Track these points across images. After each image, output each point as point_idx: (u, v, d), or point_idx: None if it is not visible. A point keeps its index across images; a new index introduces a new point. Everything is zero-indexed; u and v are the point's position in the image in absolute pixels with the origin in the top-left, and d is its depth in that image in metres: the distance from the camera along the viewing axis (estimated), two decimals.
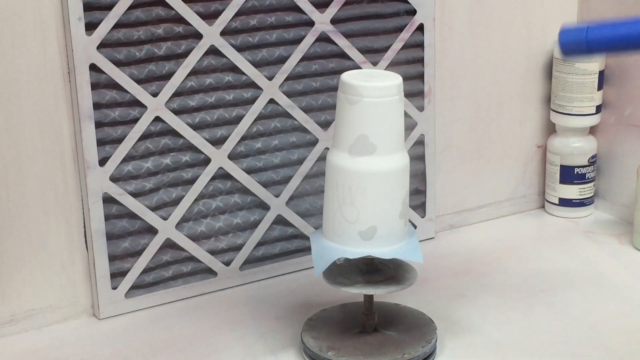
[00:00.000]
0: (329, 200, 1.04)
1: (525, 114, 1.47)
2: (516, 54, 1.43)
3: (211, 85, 1.21)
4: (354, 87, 1.00)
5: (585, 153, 1.46)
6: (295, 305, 1.22)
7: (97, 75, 1.13)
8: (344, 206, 1.03)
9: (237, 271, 1.27)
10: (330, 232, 1.05)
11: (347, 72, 1.04)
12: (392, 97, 1.01)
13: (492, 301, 1.23)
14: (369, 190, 1.02)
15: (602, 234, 1.43)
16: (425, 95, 1.35)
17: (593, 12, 1.44)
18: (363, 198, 1.02)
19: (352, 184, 1.02)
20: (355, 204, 1.02)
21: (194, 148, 1.21)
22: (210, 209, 1.24)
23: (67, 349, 1.13)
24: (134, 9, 1.14)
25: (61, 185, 1.15)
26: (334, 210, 1.04)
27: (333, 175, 1.03)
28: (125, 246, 1.19)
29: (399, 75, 1.03)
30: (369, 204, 1.02)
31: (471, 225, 1.47)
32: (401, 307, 1.16)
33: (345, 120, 1.02)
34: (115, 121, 1.16)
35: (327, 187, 1.05)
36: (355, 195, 1.02)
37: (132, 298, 1.21)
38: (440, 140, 1.40)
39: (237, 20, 1.20)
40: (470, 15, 1.38)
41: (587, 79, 1.42)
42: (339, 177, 1.03)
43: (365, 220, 1.02)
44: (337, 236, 1.04)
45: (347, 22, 1.28)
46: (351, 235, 1.03)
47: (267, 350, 1.12)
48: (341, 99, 1.02)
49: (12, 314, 1.16)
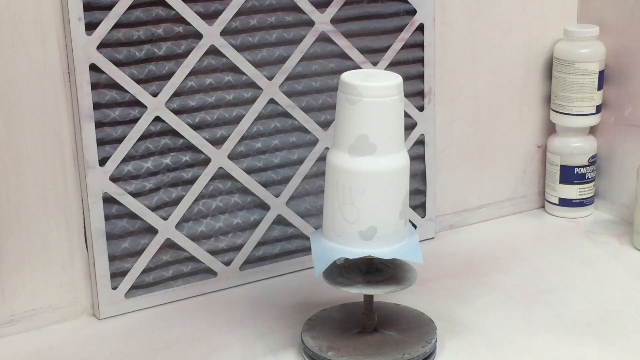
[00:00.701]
0: (329, 200, 1.04)
1: (525, 114, 1.47)
2: (516, 54, 1.43)
3: (211, 85, 1.21)
4: (353, 87, 1.00)
5: (585, 153, 1.46)
6: (295, 305, 1.22)
7: (97, 75, 1.13)
8: (344, 206, 1.03)
9: (237, 271, 1.27)
10: (330, 232, 1.05)
11: (347, 72, 1.04)
12: (391, 97, 1.01)
13: (492, 301, 1.23)
14: (368, 190, 1.02)
15: (602, 234, 1.43)
16: (425, 95, 1.35)
17: (593, 12, 1.44)
18: (363, 198, 1.02)
19: (352, 184, 1.02)
20: (355, 203, 1.02)
21: (194, 148, 1.21)
22: (210, 209, 1.24)
23: (67, 349, 1.13)
24: (134, 9, 1.14)
25: (61, 185, 1.15)
26: (334, 210, 1.04)
27: (333, 175, 1.03)
28: (125, 246, 1.19)
29: (399, 75, 1.03)
30: (369, 204, 1.02)
31: (471, 225, 1.47)
32: (401, 307, 1.16)
33: (345, 120, 1.02)
34: (115, 121, 1.16)
35: (327, 187, 1.05)
36: (355, 195, 1.02)
37: (132, 298, 1.21)
38: (440, 140, 1.40)
39: (237, 20, 1.20)
40: (470, 15, 1.38)
41: (587, 79, 1.42)
42: (339, 177, 1.03)
43: (365, 220, 1.02)
44: (337, 236, 1.04)
45: (347, 22, 1.28)
46: (351, 235, 1.03)
47: (267, 350, 1.12)
48: (341, 98, 1.02)
49: (12, 314, 1.16)
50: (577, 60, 1.41)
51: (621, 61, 1.42)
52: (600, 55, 1.42)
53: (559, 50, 1.43)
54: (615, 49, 1.42)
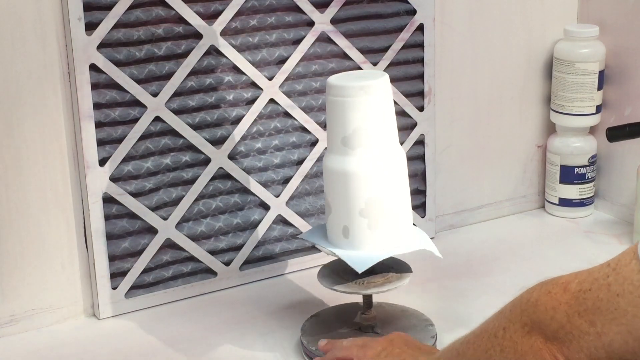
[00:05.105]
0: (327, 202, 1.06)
1: (525, 114, 1.47)
2: (516, 54, 1.43)
3: (211, 85, 1.21)
4: (331, 87, 1.03)
5: (585, 153, 1.46)
6: (295, 305, 1.22)
7: (97, 75, 1.13)
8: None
9: (237, 271, 1.27)
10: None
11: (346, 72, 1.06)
12: (352, 98, 1.01)
13: (492, 301, 1.22)
14: (334, 188, 1.03)
15: (602, 234, 1.43)
16: (425, 95, 1.35)
17: (593, 12, 1.44)
18: (330, 197, 1.04)
19: (324, 180, 1.06)
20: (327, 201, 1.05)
21: (194, 148, 1.21)
22: (210, 209, 1.24)
23: (67, 349, 1.13)
24: (134, 9, 1.14)
25: (61, 185, 1.15)
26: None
27: (324, 175, 1.06)
28: (125, 246, 1.19)
29: (383, 77, 1.03)
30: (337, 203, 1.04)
31: (471, 225, 1.47)
32: (400, 307, 1.16)
33: (329, 121, 1.04)
34: (115, 121, 1.16)
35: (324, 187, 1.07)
36: (326, 192, 1.04)
37: (132, 298, 1.21)
38: (440, 140, 1.40)
39: (237, 20, 1.20)
40: (470, 15, 1.38)
41: (587, 79, 1.42)
42: (325, 176, 1.04)
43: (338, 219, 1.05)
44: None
45: (347, 22, 1.28)
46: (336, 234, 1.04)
47: (267, 350, 1.12)
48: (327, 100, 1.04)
49: (12, 314, 1.16)
50: (577, 60, 1.41)
51: (621, 61, 1.42)
52: (600, 55, 1.42)
53: (559, 50, 1.43)
54: (615, 49, 1.42)
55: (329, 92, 1.03)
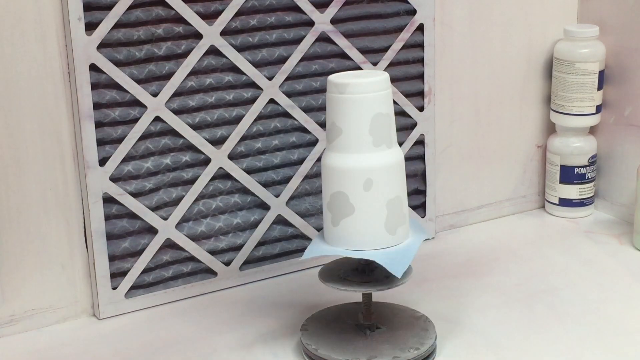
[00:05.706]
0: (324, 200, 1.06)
1: (525, 114, 1.47)
2: (516, 54, 1.43)
3: (211, 85, 1.21)
4: (331, 84, 1.02)
5: (585, 153, 1.46)
6: (295, 305, 1.22)
7: (97, 75, 1.13)
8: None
9: (237, 271, 1.27)
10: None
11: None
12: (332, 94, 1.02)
13: (492, 301, 1.23)
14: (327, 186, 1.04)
15: (602, 234, 1.43)
16: (425, 95, 1.35)
17: (593, 12, 1.44)
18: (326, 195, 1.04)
19: (324, 180, 1.05)
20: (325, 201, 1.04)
21: (194, 148, 1.21)
22: (210, 209, 1.24)
23: (67, 349, 1.13)
24: (134, 9, 1.14)
25: (61, 185, 1.15)
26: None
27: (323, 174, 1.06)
28: (125, 246, 1.19)
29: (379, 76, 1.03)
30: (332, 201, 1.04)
31: (471, 225, 1.47)
32: (400, 307, 1.16)
33: (328, 119, 1.04)
34: (115, 121, 1.16)
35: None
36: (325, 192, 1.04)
37: (132, 298, 1.21)
38: (440, 140, 1.40)
39: (237, 20, 1.20)
40: (470, 15, 1.38)
41: (587, 79, 1.42)
42: (324, 175, 1.05)
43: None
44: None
45: (347, 22, 1.28)
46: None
47: (267, 350, 1.12)
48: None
49: (12, 314, 1.16)
50: (577, 60, 1.41)
51: (621, 61, 1.42)
52: (600, 55, 1.42)
53: (559, 50, 1.43)
54: (615, 49, 1.42)
55: (329, 90, 1.03)
